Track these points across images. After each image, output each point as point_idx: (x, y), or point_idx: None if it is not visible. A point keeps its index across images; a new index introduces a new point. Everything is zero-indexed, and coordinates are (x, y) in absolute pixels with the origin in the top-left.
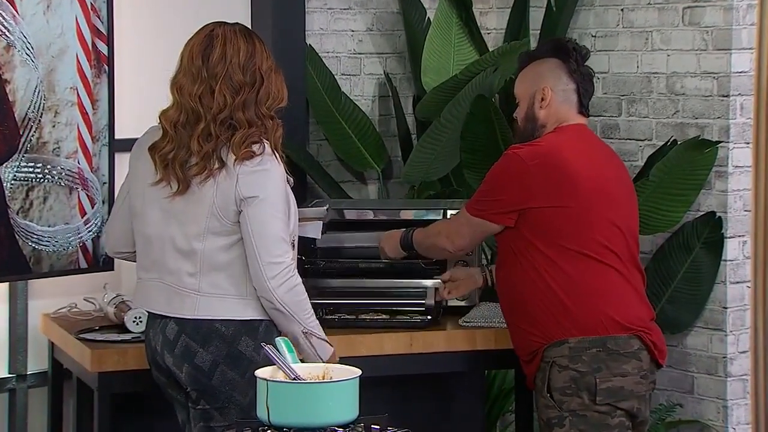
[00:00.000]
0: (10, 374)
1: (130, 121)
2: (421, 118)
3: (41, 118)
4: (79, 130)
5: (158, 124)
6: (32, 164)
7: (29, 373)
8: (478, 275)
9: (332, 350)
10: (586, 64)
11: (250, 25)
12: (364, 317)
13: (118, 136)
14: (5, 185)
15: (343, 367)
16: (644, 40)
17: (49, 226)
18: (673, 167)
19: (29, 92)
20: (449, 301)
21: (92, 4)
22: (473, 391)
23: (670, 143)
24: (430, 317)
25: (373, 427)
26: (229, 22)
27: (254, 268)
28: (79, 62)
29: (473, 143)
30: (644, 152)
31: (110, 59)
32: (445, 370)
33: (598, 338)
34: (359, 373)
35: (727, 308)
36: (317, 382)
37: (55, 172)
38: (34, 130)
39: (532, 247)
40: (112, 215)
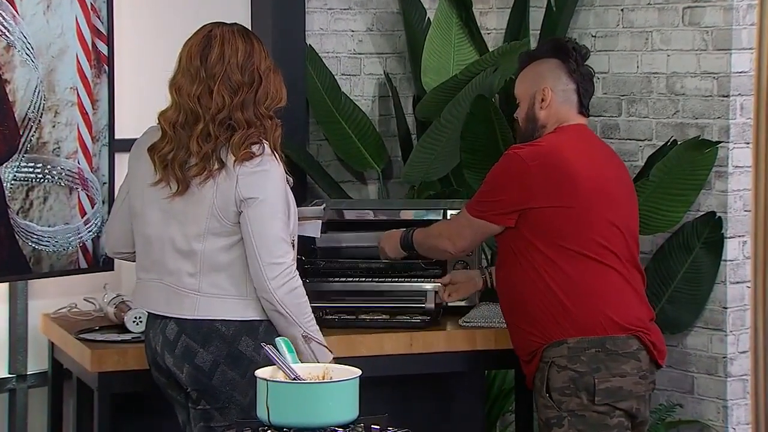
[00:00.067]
0: (10, 374)
1: (130, 121)
2: (421, 118)
3: (41, 118)
4: (79, 130)
5: (157, 124)
6: (32, 164)
7: (29, 373)
8: (477, 277)
9: (331, 356)
10: (586, 63)
11: (250, 25)
12: (364, 317)
13: (118, 136)
14: (5, 185)
15: (343, 367)
16: (644, 40)
17: (49, 226)
18: (673, 167)
19: (29, 92)
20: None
21: (92, 4)
22: (473, 391)
23: (670, 143)
24: (429, 317)
25: (373, 427)
26: (227, 22)
27: (255, 268)
28: (79, 62)
29: (473, 143)
30: (644, 152)
31: (110, 59)
32: (445, 370)
33: (596, 338)
34: (359, 373)
35: (727, 308)
36: (317, 382)
37: (55, 172)
38: (34, 130)
39: (532, 247)
40: (111, 215)
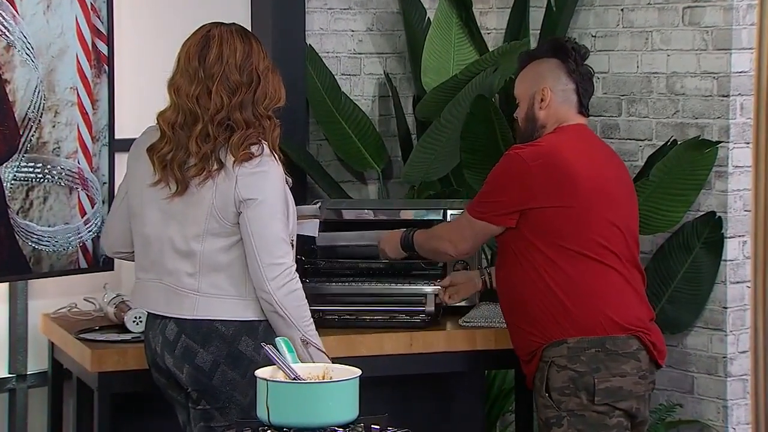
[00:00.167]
0: (10, 374)
1: (130, 121)
2: (421, 118)
3: (41, 118)
4: (79, 130)
5: (156, 124)
6: (32, 164)
7: (29, 373)
8: (477, 278)
9: (329, 363)
10: (585, 63)
11: (250, 25)
12: (364, 317)
13: (118, 136)
14: (5, 185)
15: (343, 367)
16: (644, 40)
17: (49, 226)
18: (673, 167)
19: (29, 92)
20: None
21: (92, 4)
22: (473, 391)
23: (670, 143)
24: (429, 317)
25: (373, 427)
26: (225, 22)
27: (254, 269)
28: (79, 62)
29: (473, 143)
30: (644, 152)
31: (110, 59)
32: (445, 370)
33: (596, 338)
34: (359, 373)
35: (727, 308)
36: (317, 382)
37: (55, 172)
38: (34, 130)
39: (532, 247)
40: (110, 215)
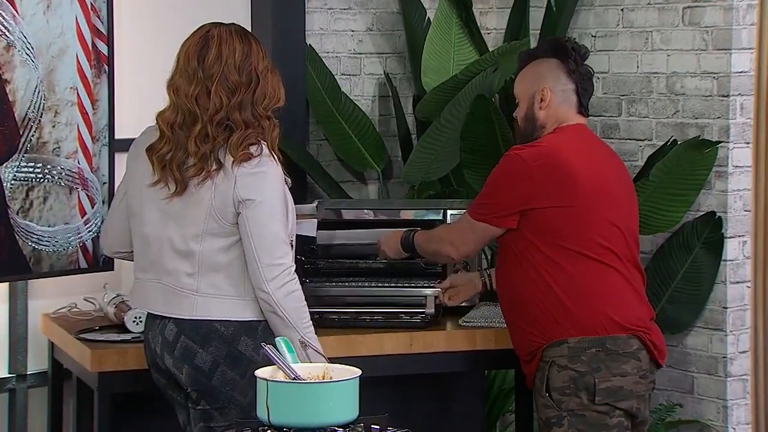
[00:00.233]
0: (10, 374)
1: (130, 121)
2: (421, 118)
3: (41, 118)
4: (79, 130)
5: (155, 124)
6: (32, 164)
7: (29, 373)
8: (477, 280)
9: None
10: (585, 63)
11: (250, 25)
12: (364, 317)
13: (118, 136)
14: (5, 185)
15: (343, 367)
16: (644, 40)
17: (49, 226)
18: (673, 167)
19: (29, 92)
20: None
21: (92, 4)
22: (473, 391)
23: (670, 143)
24: (429, 317)
25: (373, 427)
26: (225, 22)
27: (253, 270)
28: (79, 62)
29: (473, 143)
30: (644, 152)
31: (110, 59)
32: (445, 370)
33: (597, 338)
34: (359, 373)
35: (727, 308)
36: (317, 382)
37: (55, 172)
38: (34, 130)
39: (532, 247)
40: (109, 215)
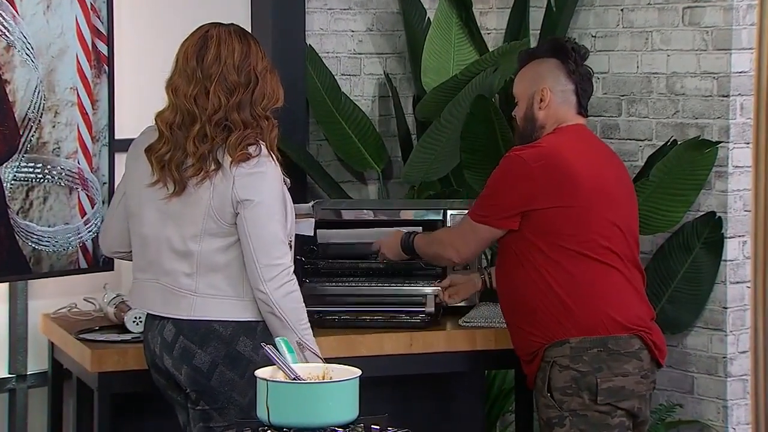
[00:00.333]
0: (10, 374)
1: (130, 121)
2: (421, 118)
3: (41, 118)
4: (79, 130)
5: (154, 124)
6: (32, 164)
7: (29, 373)
8: (477, 279)
9: None
10: (585, 63)
11: (250, 25)
12: (364, 317)
13: (118, 136)
14: (5, 185)
15: (343, 367)
16: (644, 40)
17: (49, 226)
18: (673, 167)
19: (29, 92)
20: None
21: (92, 4)
22: (473, 391)
23: (670, 143)
24: (429, 317)
25: (373, 427)
26: (224, 22)
27: (251, 270)
28: (79, 62)
29: (473, 143)
30: (644, 152)
31: (110, 59)
32: (445, 370)
33: (599, 338)
34: (359, 373)
35: (727, 308)
36: (317, 382)
37: (55, 172)
38: (34, 130)
39: (533, 247)
40: (108, 215)
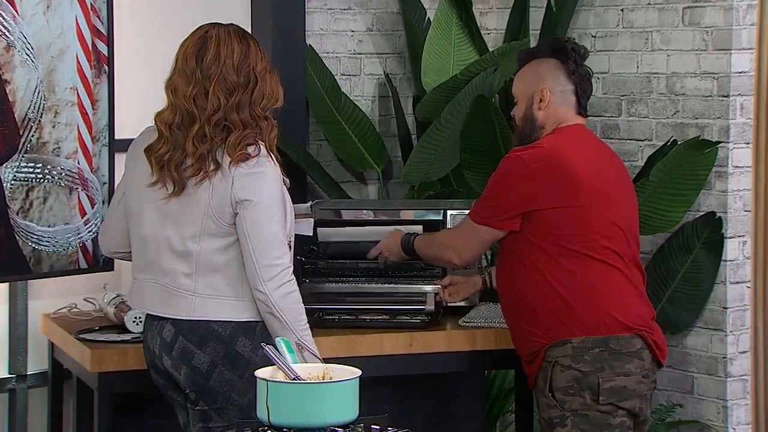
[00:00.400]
0: (10, 374)
1: (130, 121)
2: (421, 118)
3: (41, 118)
4: (79, 130)
5: (154, 124)
6: (32, 164)
7: (29, 373)
8: (477, 278)
9: None
10: (584, 63)
11: (250, 25)
12: (364, 317)
13: (118, 136)
14: (5, 185)
15: (343, 367)
16: (644, 40)
17: (49, 226)
18: (673, 167)
19: (29, 92)
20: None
21: (92, 4)
22: (473, 391)
23: (670, 143)
24: (430, 317)
25: (373, 427)
26: (223, 23)
27: (250, 270)
28: (79, 62)
29: (473, 143)
30: (644, 152)
31: (110, 59)
32: (445, 370)
33: (600, 338)
34: (359, 373)
35: (727, 308)
36: (317, 382)
37: (55, 172)
38: (34, 130)
39: (534, 248)
40: (108, 215)
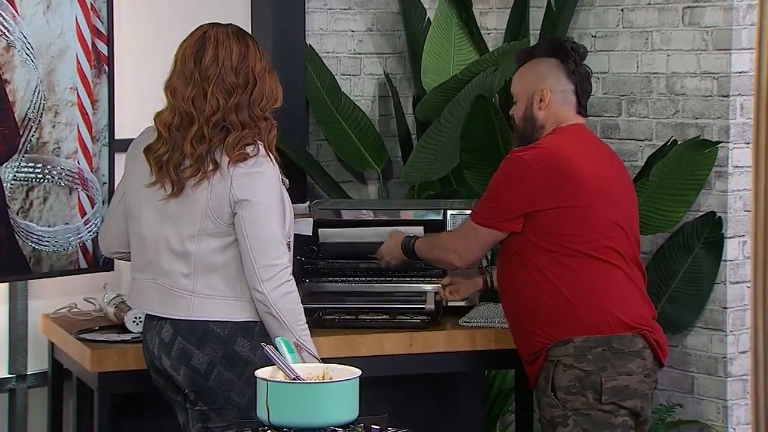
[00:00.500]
0: (10, 374)
1: (130, 121)
2: (421, 118)
3: (41, 118)
4: (79, 130)
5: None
6: (32, 164)
7: (29, 373)
8: (478, 278)
9: None
10: (584, 63)
11: (250, 25)
12: (364, 317)
13: (118, 136)
14: (5, 185)
15: (343, 367)
16: (644, 40)
17: (49, 226)
18: (673, 167)
19: (29, 92)
20: (449, 301)
21: (92, 4)
22: (473, 391)
23: (670, 143)
24: (430, 317)
25: (373, 427)
26: (222, 23)
27: (249, 270)
28: (79, 62)
29: (473, 143)
30: (644, 152)
31: (110, 59)
32: (445, 370)
33: (603, 337)
34: (359, 373)
35: (727, 308)
36: (317, 382)
37: (55, 172)
38: (34, 130)
39: (536, 248)
40: (108, 215)
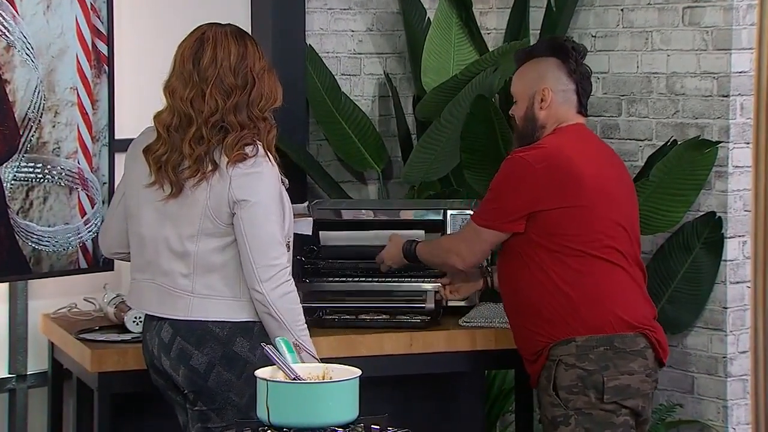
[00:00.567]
0: (10, 374)
1: (130, 121)
2: (421, 118)
3: (41, 118)
4: (79, 130)
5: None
6: (32, 164)
7: (29, 373)
8: (478, 278)
9: None
10: (584, 62)
11: (250, 25)
12: (364, 317)
13: (118, 136)
14: (5, 185)
15: (343, 367)
16: (644, 40)
17: (49, 226)
18: (673, 167)
19: (29, 92)
20: (449, 300)
21: (92, 4)
22: (473, 391)
23: (670, 143)
24: (430, 317)
25: (373, 427)
26: (221, 23)
27: (248, 270)
28: (79, 62)
29: (473, 143)
30: (644, 152)
31: (110, 59)
32: (445, 370)
33: (605, 337)
34: (359, 373)
35: (727, 308)
36: (317, 382)
37: (55, 172)
38: (34, 130)
39: (539, 248)
40: (108, 215)
